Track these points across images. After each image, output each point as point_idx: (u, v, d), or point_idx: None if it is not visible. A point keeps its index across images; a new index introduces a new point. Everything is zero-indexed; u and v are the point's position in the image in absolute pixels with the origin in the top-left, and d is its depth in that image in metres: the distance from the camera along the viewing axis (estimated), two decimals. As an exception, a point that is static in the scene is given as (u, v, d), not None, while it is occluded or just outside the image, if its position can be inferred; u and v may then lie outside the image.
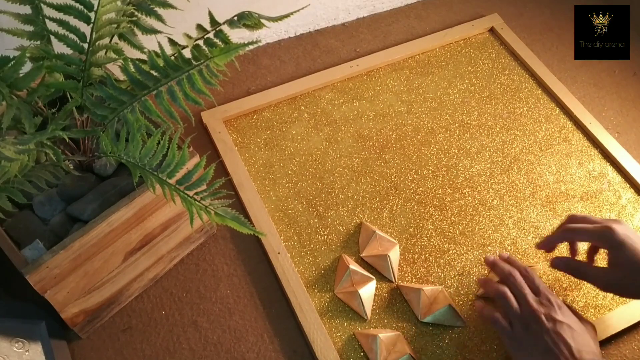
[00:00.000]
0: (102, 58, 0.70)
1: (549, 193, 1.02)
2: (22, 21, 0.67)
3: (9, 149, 0.57)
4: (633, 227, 0.98)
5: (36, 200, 0.74)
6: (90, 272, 0.74)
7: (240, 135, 1.04)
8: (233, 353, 0.83)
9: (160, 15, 0.71)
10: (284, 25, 1.20)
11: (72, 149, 0.75)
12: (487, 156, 1.06)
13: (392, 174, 1.02)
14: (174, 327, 0.84)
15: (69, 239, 0.67)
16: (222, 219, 0.62)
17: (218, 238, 0.93)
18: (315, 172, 1.01)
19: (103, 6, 0.67)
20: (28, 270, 0.65)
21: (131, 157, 0.65)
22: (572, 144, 1.09)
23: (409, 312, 0.87)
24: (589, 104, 1.15)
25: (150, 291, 0.87)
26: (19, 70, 0.60)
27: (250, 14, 0.68)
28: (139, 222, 0.75)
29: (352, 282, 0.87)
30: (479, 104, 1.13)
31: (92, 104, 0.68)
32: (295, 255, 0.91)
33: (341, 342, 0.83)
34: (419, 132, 1.08)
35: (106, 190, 0.74)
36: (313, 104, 1.10)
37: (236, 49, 0.59)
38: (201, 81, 0.61)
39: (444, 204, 0.99)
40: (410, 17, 1.28)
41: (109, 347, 0.82)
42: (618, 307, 0.89)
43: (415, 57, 1.19)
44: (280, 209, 0.96)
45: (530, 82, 1.17)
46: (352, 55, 1.19)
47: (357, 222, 0.96)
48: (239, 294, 0.88)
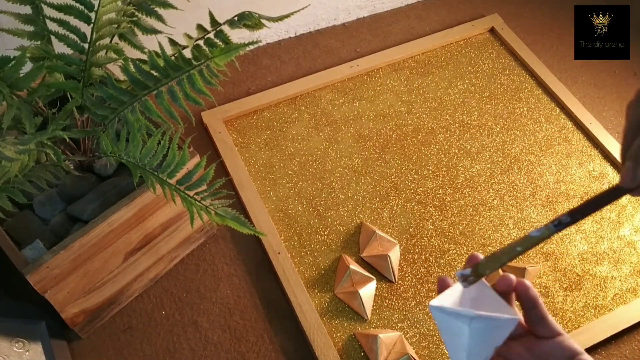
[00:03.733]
0: (103, 58, 0.70)
1: (549, 193, 1.01)
2: (23, 21, 0.67)
3: (10, 149, 0.57)
4: (633, 228, 0.98)
5: (36, 200, 0.74)
6: (91, 272, 0.74)
7: (241, 135, 1.04)
8: (233, 353, 0.83)
9: (160, 15, 0.71)
10: (284, 26, 1.20)
11: (72, 149, 0.75)
12: (488, 156, 1.06)
13: (392, 174, 1.02)
14: (174, 327, 0.84)
15: (69, 239, 0.67)
16: (222, 219, 0.62)
17: (218, 238, 0.93)
18: (316, 172, 1.01)
19: (103, 6, 0.67)
20: (28, 270, 0.65)
21: (131, 157, 0.65)
22: (573, 144, 1.09)
23: (410, 312, 0.87)
24: (589, 104, 1.15)
25: (150, 291, 0.87)
26: (20, 70, 0.60)
27: (250, 14, 0.68)
28: (139, 222, 0.75)
29: (353, 282, 0.87)
30: (479, 104, 1.13)
31: (92, 104, 0.68)
32: (296, 255, 0.91)
33: (341, 342, 0.83)
34: (419, 132, 1.08)
35: (106, 190, 0.74)
36: (313, 104, 1.10)
37: (236, 49, 0.59)
38: (201, 81, 0.61)
39: (444, 204, 0.99)
40: (411, 18, 1.28)
41: (109, 347, 0.82)
42: (618, 308, 0.89)
43: (416, 57, 1.19)
44: (281, 209, 0.96)
45: (530, 82, 1.17)
46: (352, 55, 1.19)
47: (357, 222, 0.96)
48: (239, 294, 0.88)
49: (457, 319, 0.42)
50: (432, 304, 0.43)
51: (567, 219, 0.39)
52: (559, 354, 0.43)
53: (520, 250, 0.42)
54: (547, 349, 0.44)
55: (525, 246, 0.41)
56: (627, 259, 0.95)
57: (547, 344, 0.43)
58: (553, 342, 0.43)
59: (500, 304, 0.43)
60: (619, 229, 0.98)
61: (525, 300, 0.43)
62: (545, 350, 0.44)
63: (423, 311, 0.87)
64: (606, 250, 0.96)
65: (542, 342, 0.44)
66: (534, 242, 0.41)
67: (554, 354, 0.43)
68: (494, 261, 0.43)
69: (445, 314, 0.43)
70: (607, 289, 0.91)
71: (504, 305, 0.43)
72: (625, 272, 0.93)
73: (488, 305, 0.43)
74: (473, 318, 0.41)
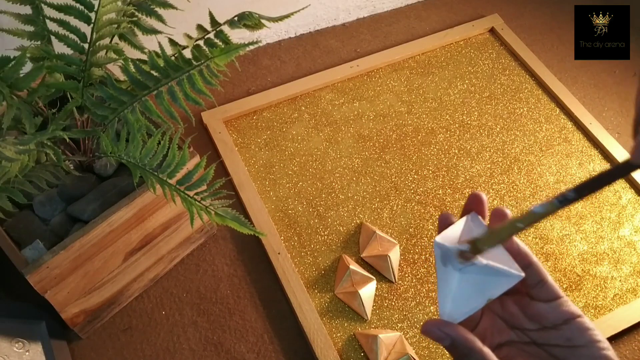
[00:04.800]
0: (103, 58, 0.70)
1: (549, 193, 1.01)
2: (23, 21, 0.67)
3: (10, 149, 0.57)
4: (633, 228, 0.98)
5: (36, 200, 0.74)
6: (91, 272, 0.74)
7: (241, 136, 1.04)
8: (233, 353, 0.83)
9: (160, 15, 0.71)
10: (285, 26, 1.20)
11: (72, 149, 0.75)
12: (488, 156, 1.06)
13: (392, 174, 1.02)
14: (174, 327, 0.84)
15: (69, 239, 0.67)
16: (222, 219, 0.62)
17: (218, 238, 0.93)
18: (316, 172, 1.01)
19: (103, 6, 0.67)
20: (28, 270, 0.65)
21: (131, 157, 0.65)
22: (573, 145, 1.09)
23: (410, 312, 0.87)
24: (589, 105, 1.15)
25: (150, 291, 0.87)
26: (20, 71, 0.60)
27: (250, 14, 0.68)
28: (139, 223, 0.75)
29: (353, 282, 0.87)
30: (479, 104, 1.13)
31: (92, 104, 0.68)
32: (296, 255, 0.91)
33: (341, 343, 0.83)
34: (419, 133, 1.08)
35: (106, 190, 0.74)
36: (313, 104, 1.10)
37: (236, 49, 0.59)
38: (201, 81, 0.61)
39: (444, 204, 0.99)
40: (411, 18, 1.28)
41: (109, 347, 0.82)
42: (618, 308, 0.89)
43: (416, 57, 1.19)
44: (281, 209, 0.96)
45: (530, 83, 1.17)
46: (352, 55, 1.19)
47: (357, 223, 0.96)
48: (239, 294, 0.88)
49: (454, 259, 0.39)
50: (437, 240, 0.40)
51: (573, 195, 0.36)
52: (555, 317, 0.40)
53: (521, 226, 0.39)
54: (542, 311, 0.40)
55: (527, 222, 0.38)
56: (627, 259, 0.95)
57: (543, 306, 0.40)
58: (550, 304, 0.40)
59: (504, 256, 0.40)
60: (619, 229, 0.98)
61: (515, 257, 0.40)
62: (540, 313, 0.40)
63: (423, 311, 0.87)
64: (606, 250, 0.96)
65: (537, 303, 0.40)
66: (537, 218, 0.38)
67: (549, 317, 0.40)
68: (493, 237, 0.40)
69: (445, 252, 0.40)
70: (607, 289, 0.92)
71: (507, 259, 0.40)
72: (625, 272, 0.93)
73: (491, 255, 0.40)
74: (472, 263, 0.39)
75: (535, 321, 0.41)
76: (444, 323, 0.39)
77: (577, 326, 0.39)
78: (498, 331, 0.42)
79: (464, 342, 0.38)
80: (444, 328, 0.39)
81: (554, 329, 0.40)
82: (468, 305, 0.40)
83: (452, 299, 0.40)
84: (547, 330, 0.40)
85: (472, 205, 0.44)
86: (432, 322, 0.39)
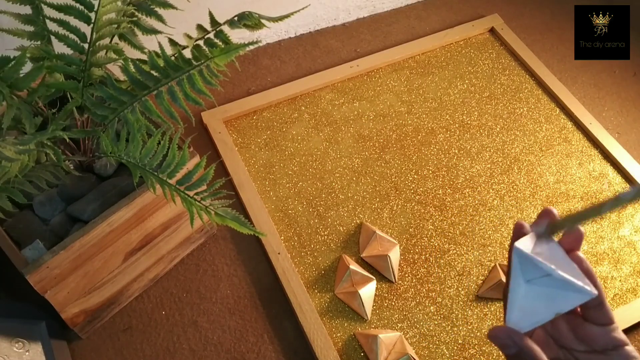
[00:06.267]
0: (103, 58, 0.70)
1: (549, 193, 1.01)
2: (23, 21, 0.67)
3: (10, 149, 0.57)
4: (633, 228, 0.98)
5: (36, 200, 0.74)
6: (91, 273, 0.74)
7: (241, 136, 1.04)
8: (233, 353, 0.83)
9: (160, 15, 0.71)
10: (284, 26, 1.20)
11: (72, 149, 0.75)
12: (488, 156, 1.06)
13: (392, 174, 1.02)
14: (174, 327, 0.84)
15: (69, 239, 0.67)
16: (222, 219, 0.62)
17: (218, 238, 0.93)
18: (316, 172, 1.01)
19: (103, 6, 0.67)
20: (28, 270, 0.65)
21: (131, 157, 0.65)
22: (573, 145, 1.09)
23: (410, 312, 0.87)
24: (589, 105, 1.15)
25: (150, 291, 0.87)
26: (20, 71, 0.60)
27: (250, 14, 0.68)
28: (139, 223, 0.75)
29: (353, 282, 0.87)
30: (479, 104, 1.13)
31: (92, 104, 0.68)
32: (296, 255, 0.91)
33: (341, 343, 0.83)
34: (419, 133, 1.08)
35: (106, 190, 0.74)
36: (313, 104, 1.10)
37: (236, 49, 0.59)
38: (201, 81, 0.61)
39: (444, 204, 0.99)
40: (411, 18, 1.28)
41: (109, 347, 0.82)
42: (618, 308, 0.89)
43: (416, 57, 1.19)
44: (281, 209, 0.96)
45: (530, 83, 1.17)
46: (352, 55, 1.19)
47: (357, 223, 0.96)
48: (239, 294, 0.88)
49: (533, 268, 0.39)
50: (517, 245, 0.40)
51: None
52: (606, 341, 0.39)
53: (604, 210, 0.37)
54: (594, 335, 0.40)
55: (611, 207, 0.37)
56: (627, 259, 0.95)
57: (597, 329, 0.40)
58: (604, 329, 0.39)
59: (575, 271, 0.40)
60: (619, 229, 0.98)
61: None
62: (593, 336, 0.40)
63: (423, 311, 0.87)
64: (606, 250, 0.96)
65: (589, 326, 0.40)
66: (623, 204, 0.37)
67: (600, 342, 0.39)
68: (571, 220, 0.39)
69: (523, 260, 0.39)
70: (607, 289, 0.91)
71: (578, 273, 0.39)
72: (625, 272, 0.93)
73: (563, 267, 0.39)
74: (547, 274, 0.38)
75: (585, 343, 0.40)
76: (514, 332, 0.39)
77: (625, 354, 0.39)
78: (548, 347, 0.42)
79: (531, 353, 0.38)
80: (514, 337, 0.38)
81: (602, 354, 0.40)
82: (535, 317, 0.39)
83: (518, 308, 0.40)
84: (596, 353, 0.40)
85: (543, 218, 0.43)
86: (501, 329, 0.39)
